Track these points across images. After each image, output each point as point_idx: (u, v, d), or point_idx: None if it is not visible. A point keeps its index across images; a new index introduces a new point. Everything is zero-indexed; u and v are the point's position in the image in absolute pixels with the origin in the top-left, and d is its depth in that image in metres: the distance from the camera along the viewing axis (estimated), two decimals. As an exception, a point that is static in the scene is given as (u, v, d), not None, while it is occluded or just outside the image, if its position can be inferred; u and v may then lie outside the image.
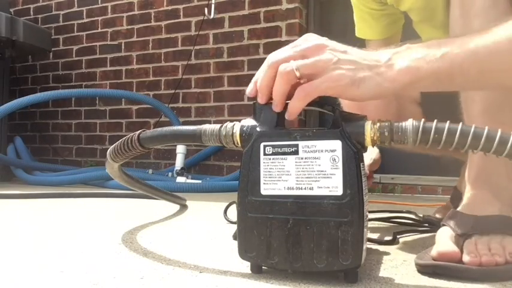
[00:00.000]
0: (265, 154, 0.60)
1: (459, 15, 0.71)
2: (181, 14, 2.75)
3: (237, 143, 0.63)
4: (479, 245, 0.64)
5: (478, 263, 0.61)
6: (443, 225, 0.70)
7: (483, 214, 0.67)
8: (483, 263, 0.61)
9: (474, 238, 0.65)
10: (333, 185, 0.57)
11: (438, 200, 1.76)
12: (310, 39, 0.61)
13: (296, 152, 0.59)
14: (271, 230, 0.59)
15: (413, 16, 1.04)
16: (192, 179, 2.29)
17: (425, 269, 0.64)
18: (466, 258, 0.62)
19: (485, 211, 0.67)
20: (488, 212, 0.67)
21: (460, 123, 0.54)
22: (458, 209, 0.71)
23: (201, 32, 2.66)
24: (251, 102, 0.63)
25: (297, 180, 0.58)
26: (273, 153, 0.59)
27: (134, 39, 2.90)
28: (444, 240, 0.66)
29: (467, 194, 0.71)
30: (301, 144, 0.58)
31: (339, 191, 0.56)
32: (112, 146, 0.74)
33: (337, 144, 0.57)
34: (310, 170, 0.58)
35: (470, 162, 0.71)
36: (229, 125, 0.64)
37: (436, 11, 0.96)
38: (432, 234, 0.95)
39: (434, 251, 0.65)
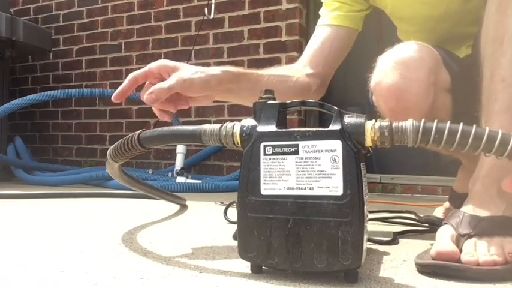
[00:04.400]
0: (265, 154, 0.60)
1: (495, 12, 0.71)
2: (181, 14, 2.75)
3: (237, 143, 0.63)
4: (478, 246, 0.64)
5: (475, 263, 0.61)
6: (445, 223, 0.70)
7: (487, 215, 0.67)
8: (481, 264, 0.61)
9: (474, 239, 0.65)
10: (333, 185, 0.57)
11: (438, 200, 1.76)
12: None
13: (296, 152, 0.59)
14: (271, 230, 0.59)
15: (409, 26, 1.02)
16: (192, 179, 2.29)
17: (425, 269, 0.64)
18: (464, 257, 0.62)
19: (489, 211, 0.67)
20: (492, 213, 0.67)
21: (461, 124, 0.54)
22: (462, 207, 0.71)
23: (201, 32, 2.65)
24: (251, 102, 0.63)
25: (297, 180, 0.58)
26: (273, 153, 0.59)
27: (134, 39, 2.89)
28: (444, 240, 0.66)
29: (474, 191, 0.71)
30: (301, 144, 0.58)
31: (339, 191, 0.56)
32: (112, 146, 0.74)
33: (337, 144, 0.57)
34: (310, 170, 0.58)
35: (481, 161, 0.71)
36: (229, 125, 0.64)
37: (440, 22, 0.96)
38: (432, 234, 0.96)
39: (433, 250, 0.65)
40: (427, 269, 0.64)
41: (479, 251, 0.63)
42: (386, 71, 0.82)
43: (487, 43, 0.73)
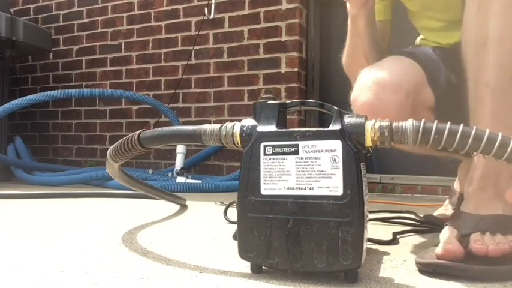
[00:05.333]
0: (265, 154, 0.60)
1: (475, 13, 0.71)
2: (181, 14, 2.75)
3: (237, 143, 0.63)
4: (485, 237, 0.64)
5: (485, 251, 0.62)
6: (447, 225, 0.70)
7: (487, 213, 0.67)
8: (490, 252, 0.62)
9: (479, 233, 0.65)
10: (333, 185, 0.57)
11: (438, 200, 1.75)
12: None
13: (296, 152, 0.59)
14: (271, 230, 0.59)
15: (413, 5, 1.03)
16: (192, 179, 2.29)
17: (426, 268, 0.64)
18: (473, 246, 0.63)
19: (489, 210, 0.68)
20: (492, 211, 0.67)
21: (461, 125, 0.54)
22: (462, 207, 0.71)
23: (201, 32, 2.65)
24: (251, 102, 0.63)
25: (297, 180, 0.58)
26: (273, 153, 0.60)
27: (134, 39, 2.89)
28: (449, 239, 0.66)
29: (472, 192, 0.71)
30: (302, 144, 0.58)
31: (339, 191, 0.56)
32: (112, 146, 0.74)
33: (337, 144, 0.57)
34: (310, 170, 0.58)
35: (477, 161, 0.71)
36: (229, 125, 0.64)
37: None
38: (432, 234, 0.96)
39: (439, 249, 0.65)
40: (428, 268, 0.64)
41: (487, 241, 0.63)
42: (363, 88, 0.86)
43: (468, 46, 0.72)
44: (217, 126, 0.64)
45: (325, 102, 0.64)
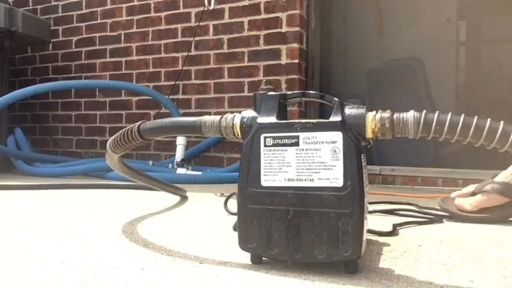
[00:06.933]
0: (265, 145, 0.60)
1: None
2: (181, 4, 2.73)
3: (238, 135, 0.63)
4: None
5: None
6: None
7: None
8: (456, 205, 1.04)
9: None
10: (333, 176, 0.57)
11: (438, 191, 1.76)
12: None
13: (297, 144, 0.58)
14: (272, 221, 0.59)
15: None
16: (192, 170, 2.29)
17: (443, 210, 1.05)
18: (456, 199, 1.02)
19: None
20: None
21: (462, 115, 0.54)
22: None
23: (201, 23, 2.64)
24: (251, 94, 0.63)
25: (298, 172, 0.58)
26: (274, 145, 0.59)
27: (134, 30, 2.88)
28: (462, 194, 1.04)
29: None
30: (302, 135, 0.58)
31: (340, 183, 0.56)
32: (112, 138, 0.74)
33: (337, 136, 0.57)
34: (310, 162, 0.58)
35: None
36: (229, 116, 0.64)
37: None
38: (431, 225, 0.96)
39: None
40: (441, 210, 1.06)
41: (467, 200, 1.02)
42: None
43: None
44: (218, 117, 0.64)
45: (325, 94, 0.64)
